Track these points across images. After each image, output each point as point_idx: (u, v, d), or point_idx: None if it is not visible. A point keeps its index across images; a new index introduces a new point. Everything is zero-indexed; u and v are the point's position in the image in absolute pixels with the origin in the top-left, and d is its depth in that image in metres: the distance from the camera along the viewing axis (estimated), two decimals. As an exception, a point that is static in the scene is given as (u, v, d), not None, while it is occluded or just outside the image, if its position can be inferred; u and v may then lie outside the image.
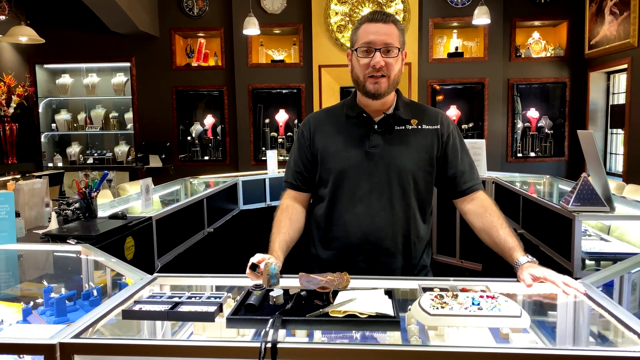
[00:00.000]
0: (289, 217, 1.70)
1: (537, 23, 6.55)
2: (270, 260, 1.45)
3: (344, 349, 1.03)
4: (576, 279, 1.41)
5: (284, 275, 1.41)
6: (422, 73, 6.37)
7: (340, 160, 1.67)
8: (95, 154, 7.08)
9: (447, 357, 1.00)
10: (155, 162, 6.58)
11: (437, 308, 1.21)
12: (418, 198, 1.69)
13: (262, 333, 1.07)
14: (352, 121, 1.71)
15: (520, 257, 1.49)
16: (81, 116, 7.06)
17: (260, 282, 1.40)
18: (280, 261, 1.53)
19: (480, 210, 1.66)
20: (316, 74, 6.35)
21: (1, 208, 2.04)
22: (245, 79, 6.54)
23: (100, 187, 2.68)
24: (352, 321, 1.16)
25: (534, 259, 1.47)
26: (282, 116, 6.73)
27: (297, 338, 1.24)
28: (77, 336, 1.08)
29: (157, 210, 3.08)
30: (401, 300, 1.34)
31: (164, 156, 6.64)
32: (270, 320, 1.10)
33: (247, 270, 1.44)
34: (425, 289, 1.36)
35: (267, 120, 6.76)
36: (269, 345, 1.01)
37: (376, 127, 1.67)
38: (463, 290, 1.34)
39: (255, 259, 1.45)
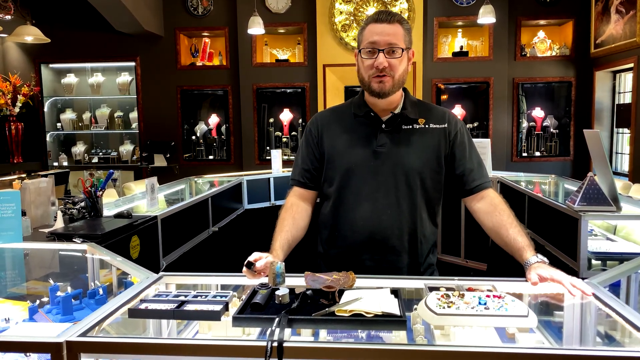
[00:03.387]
0: (293, 215, 1.70)
1: (542, 22, 6.53)
2: (268, 258, 1.46)
3: (350, 348, 1.03)
4: (582, 279, 1.40)
5: (289, 275, 1.41)
6: (426, 72, 6.36)
7: (347, 158, 1.68)
8: (100, 153, 7.10)
9: (453, 356, 1.00)
10: (160, 161, 6.60)
11: (444, 307, 1.21)
12: (425, 197, 1.69)
13: (268, 332, 1.07)
14: (360, 120, 1.71)
15: (531, 257, 1.48)
16: (86, 115, 7.09)
17: (263, 280, 1.40)
18: (279, 259, 1.53)
19: (490, 209, 1.65)
20: (320, 74, 6.35)
21: (7, 207, 2.04)
22: (249, 78, 6.55)
23: (106, 186, 2.68)
24: (358, 320, 1.16)
25: (544, 259, 1.46)
26: (286, 115, 6.73)
27: (303, 337, 1.24)
28: (83, 335, 1.08)
29: (162, 210, 3.08)
30: (407, 300, 1.34)
31: (168, 155, 6.66)
32: (276, 319, 1.10)
33: (244, 269, 1.44)
34: (431, 289, 1.35)
35: (271, 120, 6.77)
36: (275, 344, 1.01)
37: (383, 126, 1.68)
38: (469, 289, 1.34)
39: (252, 257, 1.45)
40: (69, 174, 6.18)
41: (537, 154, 6.61)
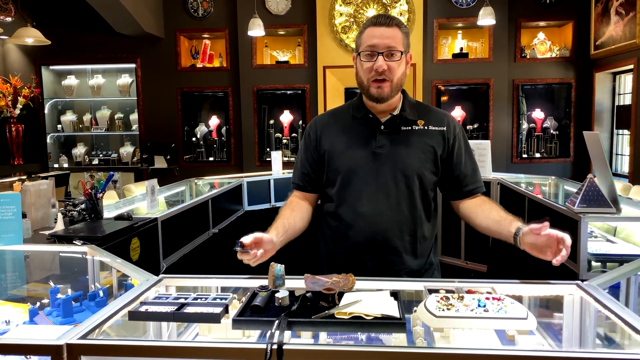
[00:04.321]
0: (292, 208, 1.73)
1: (542, 23, 6.54)
2: (256, 235, 1.42)
3: (350, 350, 1.03)
4: (582, 280, 1.41)
5: (289, 277, 1.41)
6: (426, 74, 6.36)
7: (347, 160, 1.69)
8: (101, 155, 7.11)
9: (452, 359, 1.00)
10: (160, 163, 6.60)
11: (443, 310, 1.21)
12: (424, 198, 1.70)
13: (268, 334, 1.07)
14: (359, 122, 1.72)
15: (522, 225, 1.50)
16: (86, 117, 7.09)
17: (265, 282, 1.41)
18: (273, 237, 1.50)
19: (479, 202, 1.71)
20: (321, 75, 6.35)
21: (8, 209, 2.04)
22: (249, 80, 6.56)
23: (106, 188, 2.69)
24: (357, 323, 1.16)
25: None
26: (286, 117, 6.73)
27: (302, 339, 1.24)
28: (84, 337, 1.08)
29: (163, 211, 3.09)
30: (406, 302, 1.34)
31: (169, 157, 6.66)
32: (276, 322, 1.11)
33: (238, 254, 1.41)
34: (431, 291, 1.36)
35: (271, 121, 6.77)
36: (274, 346, 1.01)
37: (382, 127, 1.68)
38: (469, 291, 1.34)
39: (244, 239, 1.41)
40: (69, 175, 6.18)
41: (537, 155, 6.61)
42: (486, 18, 5.48)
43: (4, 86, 6.14)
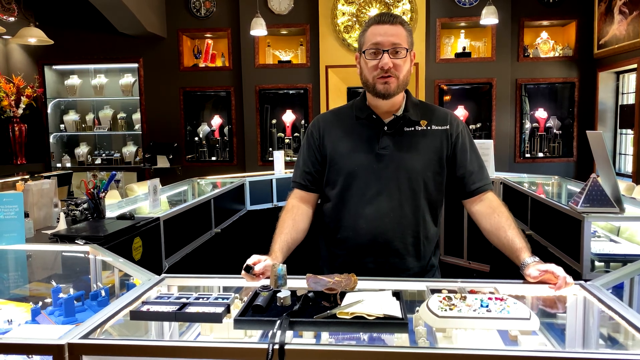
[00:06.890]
0: (293, 217, 1.70)
1: (545, 23, 6.52)
2: (266, 261, 1.46)
3: (352, 350, 1.03)
4: (585, 280, 1.40)
5: (291, 277, 1.41)
6: (429, 73, 6.35)
7: (350, 161, 1.67)
8: (103, 155, 7.12)
9: (455, 359, 1.00)
10: (162, 162, 6.61)
11: (446, 310, 1.21)
12: (428, 199, 1.68)
13: (270, 334, 1.07)
14: (362, 122, 1.71)
15: (527, 257, 1.49)
16: (89, 117, 7.11)
17: (264, 283, 1.40)
18: (278, 262, 1.52)
19: (489, 211, 1.65)
20: (323, 75, 6.35)
21: (10, 208, 2.05)
22: (252, 79, 6.56)
23: (108, 187, 2.69)
24: (359, 323, 1.15)
25: (540, 261, 1.47)
26: (289, 117, 6.73)
27: (304, 339, 1.24)
28: (85, 337, 1.08)
29: (165, 211, 3.09)
30: (409, 302, 1.33)
31: (171, 157, 6.67)
32: (278, 322, 1.10)
33: (243, 272, 1.45)
34: (433, 291, 1.35)
35: (274, 121, 6.77)
36: (276, 346, 1.01)
37: (386, 128, 1.67)
38: (471, 292, 1.33)
39: (250, 260, 1.46)
40: (71, 175, 6.20)
41: (540, 155, 6.60)
42: (489, 17, 5.47)
43: (7, 86, 6.16)
